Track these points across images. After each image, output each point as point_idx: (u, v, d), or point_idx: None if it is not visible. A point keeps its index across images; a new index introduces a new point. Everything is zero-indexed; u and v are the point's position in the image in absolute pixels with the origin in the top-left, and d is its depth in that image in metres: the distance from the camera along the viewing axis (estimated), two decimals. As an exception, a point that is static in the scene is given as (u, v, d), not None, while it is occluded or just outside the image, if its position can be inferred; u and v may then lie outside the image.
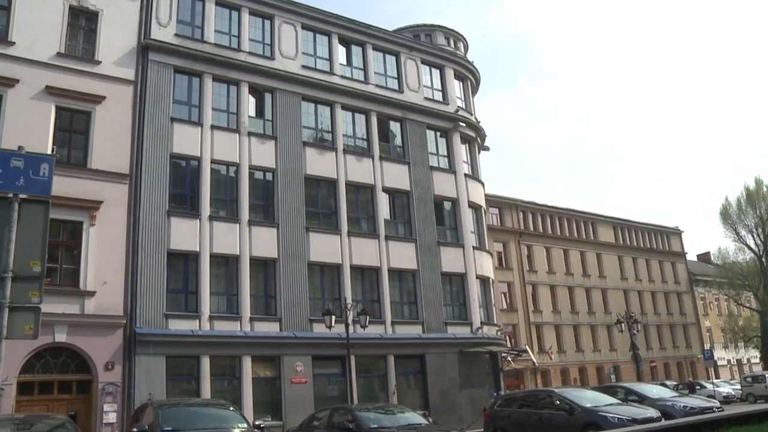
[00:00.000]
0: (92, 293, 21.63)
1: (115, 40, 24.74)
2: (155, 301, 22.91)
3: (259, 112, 28.35)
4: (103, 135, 23.26)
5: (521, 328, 50.46)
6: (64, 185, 20.82)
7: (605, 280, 59.10)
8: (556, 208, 57.98)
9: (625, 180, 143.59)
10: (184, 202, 25.08)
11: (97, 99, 23.43)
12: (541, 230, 55.89)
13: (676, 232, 69.36)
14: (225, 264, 25.17)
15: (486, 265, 33.49)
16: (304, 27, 30.56)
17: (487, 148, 37.46)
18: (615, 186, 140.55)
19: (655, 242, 66.39)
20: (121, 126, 23.94)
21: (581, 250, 58.18)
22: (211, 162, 25.86)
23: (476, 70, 37.54)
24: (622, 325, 33.35)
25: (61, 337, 20.71)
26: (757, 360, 66.15)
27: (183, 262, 24.30)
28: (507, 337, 44.49)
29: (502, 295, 50.19)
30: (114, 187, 23.03)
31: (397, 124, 32.48)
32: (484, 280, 32.96)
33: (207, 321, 23.85)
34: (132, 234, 23.04)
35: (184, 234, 24.25)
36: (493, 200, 50.40)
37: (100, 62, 24.09)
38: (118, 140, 23.64)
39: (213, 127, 26.35)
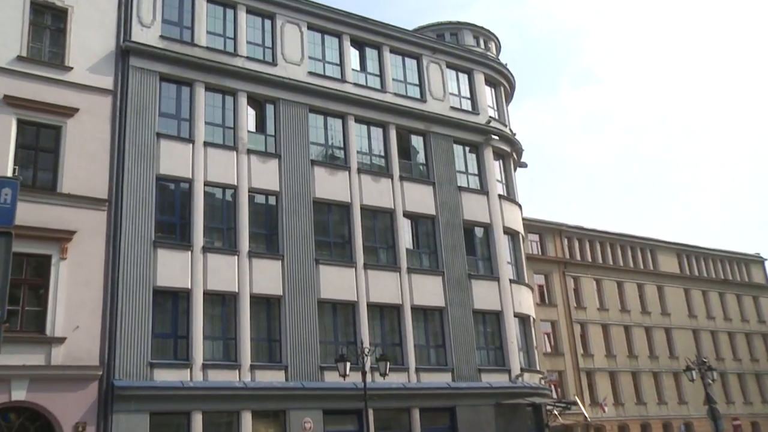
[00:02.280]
0: (61, 340, 21.18)
1: (89, 42, 24.64)
2: (138, 347, 22.66)
3: (260, 126, 28.46)
4: (76, 153, 23.05)
5: (569, 375, 49.80)
6: (29, 213, 20.37)
7: (669, 318, 58.24)
8: (608, 233, 57.64)
9: (691, 199, 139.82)
10: (173, 231, 25.09)
11: (69, 111, 23.27)
12: (590, 259, 55.54)
13: (758, 260, 68.26)
14: (221, 303, 25.11)
15: (526, 301, 33.26)
16: (311, 27, 30.72)
17: (524, 165, 37.47)
18: (679, 206, 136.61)
19: (731, 272, 65.40)
20: (98, 143, 23.76)
21: (639, 282, 57.56)
22: (205, 184, 25.92)
23: (510, 73, 37.62)
24: (693, 372, 32.09)
25: (19, 394, 20.11)
26: None
27: (172, 302, 24.23)
28: (552, 387, 44.09)
29: (546, 337, 49.76)
30: (90, 214, 22.79)
31: (420, 139, 32.55)
32: (523, 319, 32.75)
33: (200, 370, 23.64)
34: (111, 269, 22.83)
35: (172, 268, 24.18)
36: (532, 225, 50.24)
37: (72, 68, 23.97)
38: (94, 160, 23.45)
39: (206, 143, 26.42)
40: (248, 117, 28.00)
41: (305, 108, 29.18)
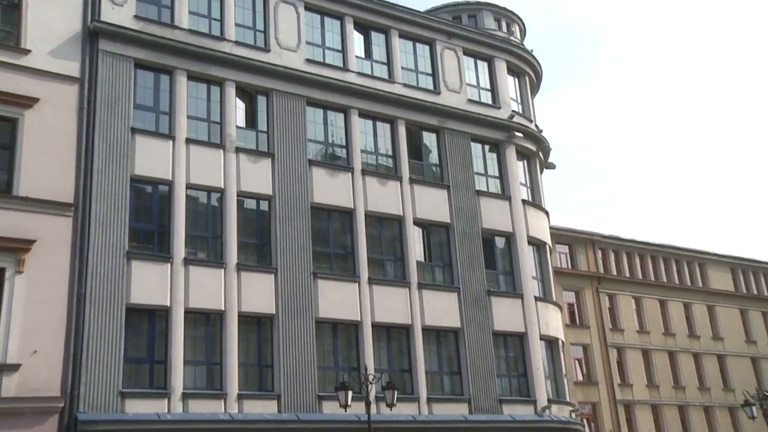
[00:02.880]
0: (15, 367, 20.89)
1: (51, 21, 24.50)
2: (108, 375, 22.47)
3: (251, 121, 28.55)
4: (36, 151, 22.96)
5: (604, 407, 49.54)
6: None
7: (722, 344, 57.87)
8: (649, 244, 57.56)
9: (748, 206, 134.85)
10: (150, 240, 25.10)
11: (27, 102, 23.17)
12: (627, 274, 55.46)
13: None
14: (205, 323, 25.12)
15: (553, 321, 33.22)
16: (309, 8, 30.77)
17: (552, 166, 37.63)
18: (733, 214, 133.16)
19: (795, 290, 65.09)
20: (62, 139, 23.64)
21: (685, 301, 57.42)
22: (187, 187, 25.93)
23: (537, 61, 37.74)
24: (753, 408, 31.35)
25: (-40, 432, 19.97)
26: None
27: (147, 321, 24.21)
28: (585, 421, 44.00)
29: (577, 363, 49.77)
30: (52, 221, 22.68)
31: (433, 136, 32.69)
32: (551, 342, 32.74)
33: (179, 401, 23.52)
34: (77, 284, 22.67)
35: (149, 283, 24.11)
36: (561, 234, 50.45)
37: (29, 51, 23.83)
38: (57, 158, 23.35)
39: (189, 140, 26.40)
40: (237, 110, 28.01)
41: (302, 100, 29.17)
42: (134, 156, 24.95)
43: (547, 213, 35.61)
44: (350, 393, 23.36)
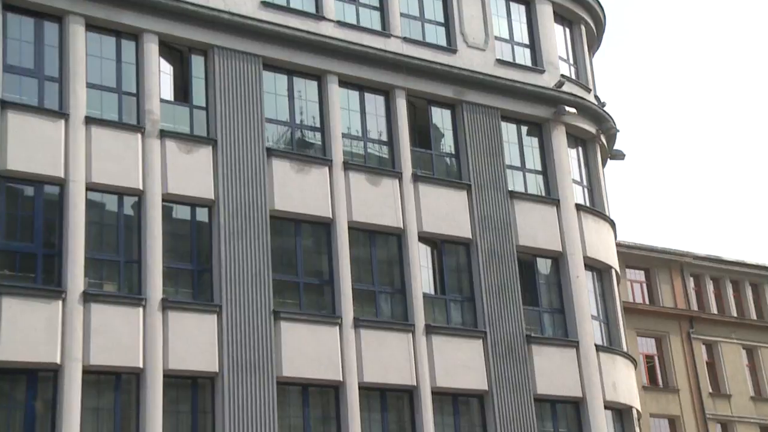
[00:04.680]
0: None
1: None
2: None
3: (181, 91, 28.64)
4: None
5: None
6: None
7: None
8: (765, 268, 57.79)
9: None
10: (31, 266, 24.93)
11: None
12: (734, 312, 55.69)
13: None
14: (114, 386, 24.98)
15: (624, 381, 33.01)
16: None
17: (620, 155, 37.67)
18: None
19: None
20: None
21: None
22: (88, 188, 25.72)
23: (598, 4, 37.74)
24: None
25: None
26: None
27: (27, 386, 23.93)
28: None
29: None
30: None
31: (447, 113, 32.78)
32: (621, 412, 32.73)
33: None
34: None
35: (29, 330, 23.64)
36: (635, 255, 50.95)
37: None
38: None
39: (90, 120, 26.14)
40: (162, 76, 27.90)
41: (257, 62, 29.14)
42: (4, 143, 24.72)
43: (612, 223, 35.60)
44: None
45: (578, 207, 33.60)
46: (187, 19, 28.06)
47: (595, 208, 34.73)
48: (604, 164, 36.57)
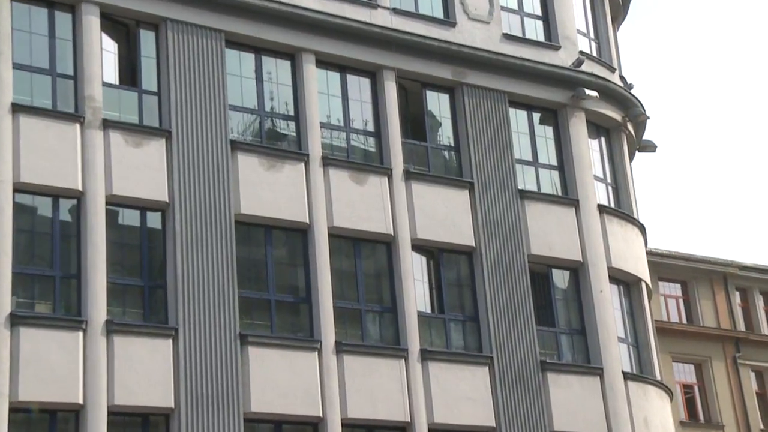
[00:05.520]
0: None
1: None
2: None
3: (128, 72, 28.57)
4: None
5: None
6: None
7: None
8: None
9: None
10: None
11: None
12: None
13: None
14: (49, 426, 24.92)
15: (658, 415, 33.17)
16: None
17: (651, 146, 38.07)
18: None
19: None
20: None
21: None
22: (16, 190, 25.50)
23: None
24: None
25: None
26: None
27: None
28: None
29: None
30: None
31: (445, 98, 32.99)
32: None
33: None
34: None
35: None
36: (669, 265, 51.04)
37: None
38: None
39: (18, 108, 25.98)
40: (105, 55, 27.84)
41: (218, 38, 29.16)
42: None
43: (642, 228, 35.77)
44: None
45: (601, 209, 33.66)
46: (134, -12, 28.13)
47: (621, 209, 34.88)
48: (631, 158, 36.88)
